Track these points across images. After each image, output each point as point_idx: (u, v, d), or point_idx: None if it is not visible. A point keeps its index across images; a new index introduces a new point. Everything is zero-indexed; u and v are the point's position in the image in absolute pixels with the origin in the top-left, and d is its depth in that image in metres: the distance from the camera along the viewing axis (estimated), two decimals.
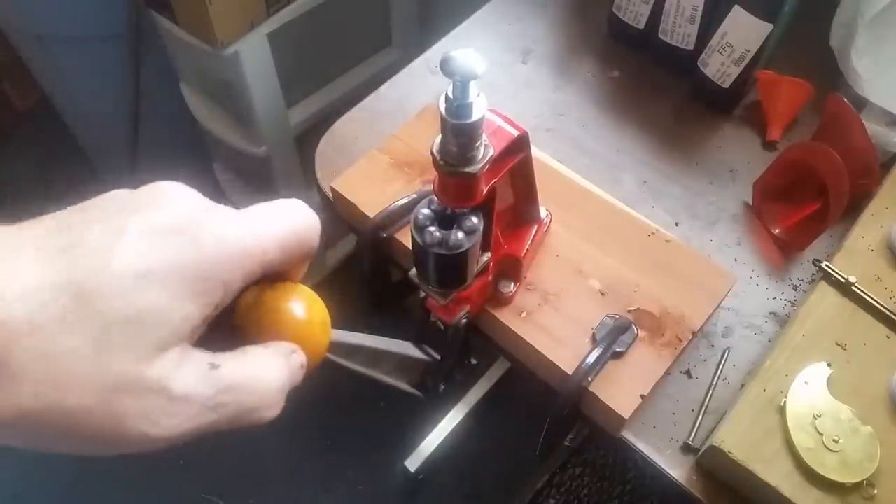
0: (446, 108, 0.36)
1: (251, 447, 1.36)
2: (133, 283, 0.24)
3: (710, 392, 0.58)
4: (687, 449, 0.55)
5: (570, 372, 0.52)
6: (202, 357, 0.27)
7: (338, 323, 0.34)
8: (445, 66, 0.34)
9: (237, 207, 0.30)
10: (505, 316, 0.56)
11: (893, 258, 0.61)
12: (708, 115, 0.77)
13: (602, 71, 0.81)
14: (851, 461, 0.49)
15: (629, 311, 0.56)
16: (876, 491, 0.49)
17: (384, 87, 0.78)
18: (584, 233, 0.60)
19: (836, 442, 0.50)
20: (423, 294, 0.50)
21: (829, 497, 0.49)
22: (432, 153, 0.40)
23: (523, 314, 0.56)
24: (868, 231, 0.62)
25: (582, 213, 0.61)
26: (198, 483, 1.33)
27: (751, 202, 0.70)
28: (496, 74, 0.80)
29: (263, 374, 0.28)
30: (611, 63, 0.81)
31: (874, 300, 0.57)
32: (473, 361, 0.58)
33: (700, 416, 0.56)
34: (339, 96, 1.21)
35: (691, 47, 0.75)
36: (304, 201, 0.35)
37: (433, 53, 0.81)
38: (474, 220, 0.43)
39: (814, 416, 0.51)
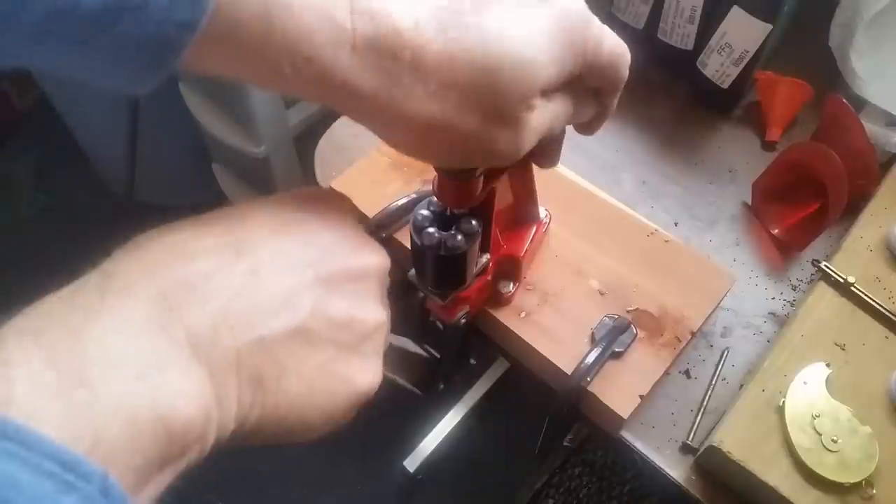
0: None
1: (251, 447, 1.36)
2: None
3: (709, 392, 0.58)
4: (686, 449, 0.55)
5: (569, 372, 0.52)
6: None
7: None
8: None
9: None
10: (504, 316, 0.56)
11: (892, 258, 0.61)
12: (707, 115, 0.77)
13: None
14: (850, 461, 0.49)
15: (628, 311, 0.56)
16: (874, 491, 0.49)
17: None
18: (584, 233, 0.60)
19: (834, 442, 0.50)
20: (422, 294, 0.50)
21: (828, 497, 0.49)
22: None
23: (522, 314, 0.56)
24: (867, 231, 0.62)
25: (581, 214, 0.61)
26: (198, 483, 1.33)
27: (750, 202, 0.70)
28: None
29: None
30: None
31: (873, 300, 0.58)
32: (472, 362, 0.58)
33: (699, 416, 0.56)
34: None
35: (690, 47, 0.75)
36: None
37: None
38: (473, 222, 0.43)
39: (813, 416, 0.51)
